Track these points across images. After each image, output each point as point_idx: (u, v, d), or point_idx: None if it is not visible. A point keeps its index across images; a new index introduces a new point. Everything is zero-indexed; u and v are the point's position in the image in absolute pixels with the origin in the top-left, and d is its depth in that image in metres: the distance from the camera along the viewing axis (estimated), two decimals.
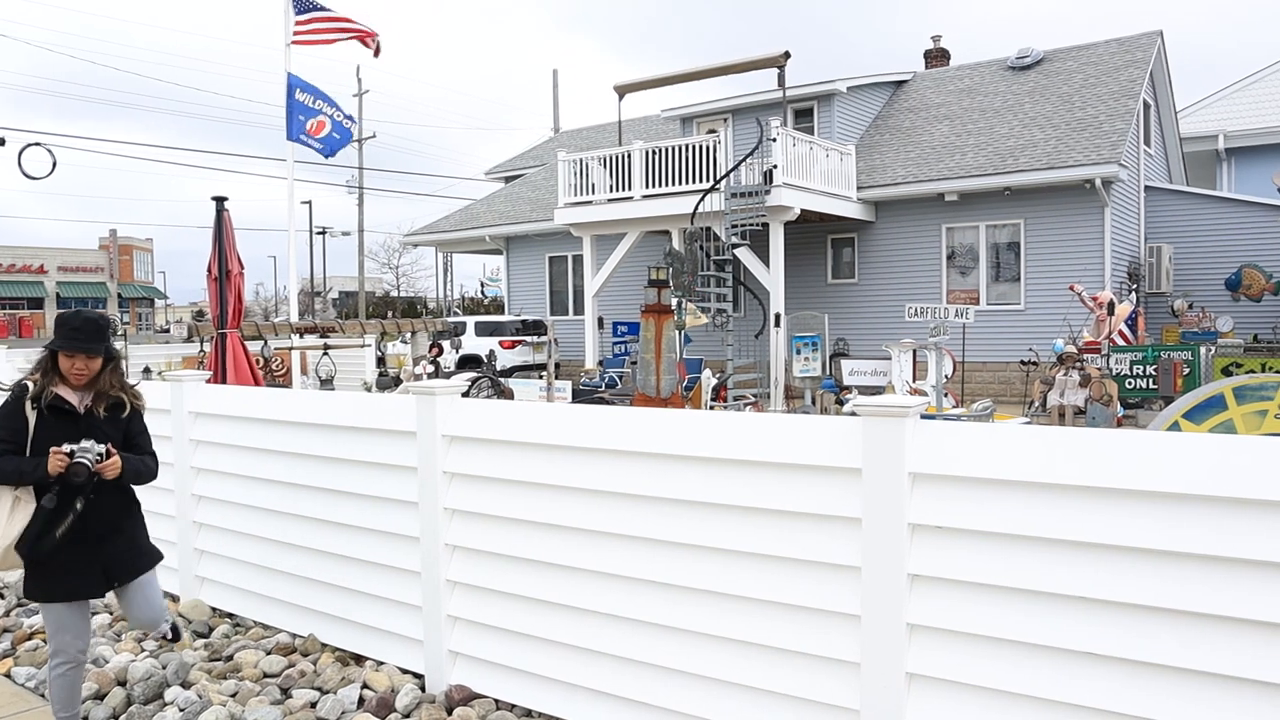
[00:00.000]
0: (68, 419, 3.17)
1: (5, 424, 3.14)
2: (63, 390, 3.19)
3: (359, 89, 39.72)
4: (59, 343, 3.14)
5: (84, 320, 3.19)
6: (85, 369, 3.16)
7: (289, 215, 13.14)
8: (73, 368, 3.14)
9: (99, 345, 3.17)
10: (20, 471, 3.10)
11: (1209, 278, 16.21)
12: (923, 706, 2.54)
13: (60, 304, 54.86)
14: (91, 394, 3.23)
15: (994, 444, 2.43)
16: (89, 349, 3.14)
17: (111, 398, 3.25)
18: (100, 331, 3.19)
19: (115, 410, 3.25)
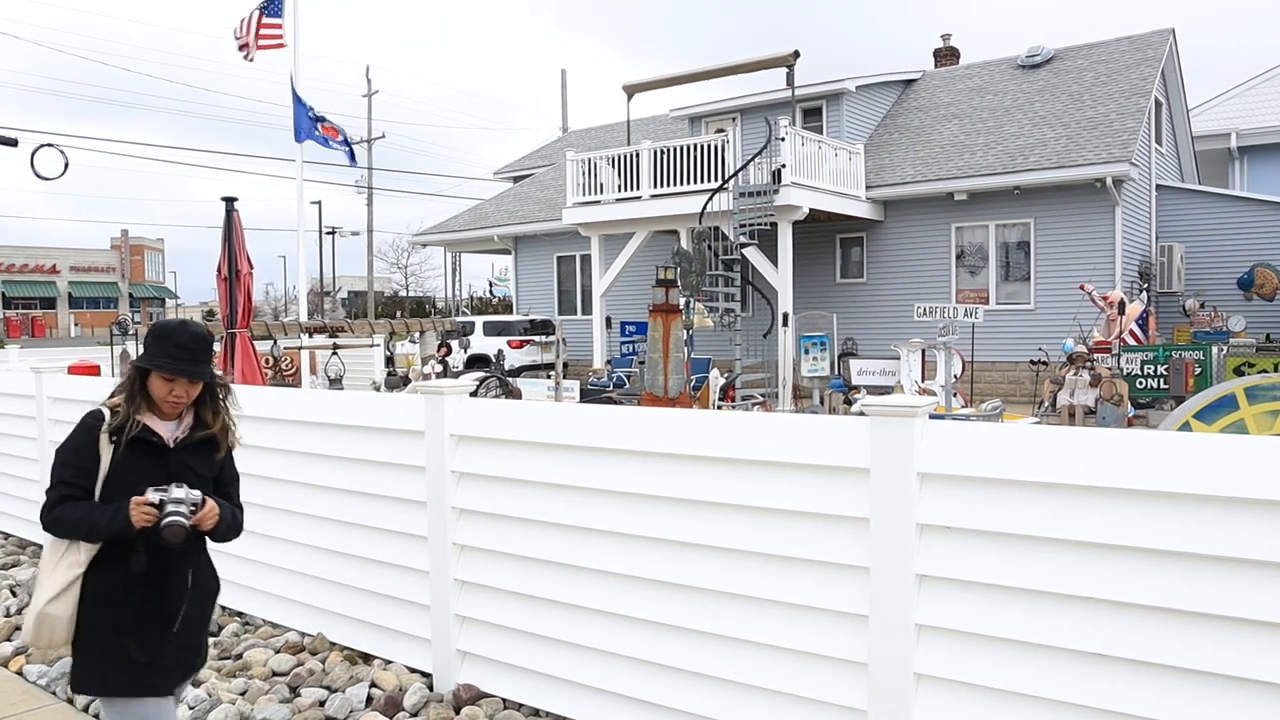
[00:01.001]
0: (153, 457, 2.51)
1: (72, 459, 2.48)
2: (152, 420, 2.53)
3: (368, 89, 39.84)
4: (158, 361, 2.46)
5: (191, 335, 2.53)
6: (184, 396, 2.53)
7: (298, 215, 13.20)
8: (170, 394, 2.49)
9: (206, 369, 2.55)
10: (90, 524, 2.40)
11: (1221, 277, 16.11)
12: (931, 707, 2.53)
13: (72, 304, 55.22)
14: (185, 426, 2.59)
15: (1003, 444, 2.42)
16: (194, 373, 2.50)
17: (208, 432, 2.61)
18: (208, 350, 2.58)
19: (208, 447, 2.63)
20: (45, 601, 2.41)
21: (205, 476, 2.59)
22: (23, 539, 6.47)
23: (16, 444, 6.34)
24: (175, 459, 2.54)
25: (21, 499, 6.37)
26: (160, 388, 2.50)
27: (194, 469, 2.56)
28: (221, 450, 2.66)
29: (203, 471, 2.59)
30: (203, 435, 2.61)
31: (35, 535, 6.26)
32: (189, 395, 2.55)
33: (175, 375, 2.48)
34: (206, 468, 2.61)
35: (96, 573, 2.46)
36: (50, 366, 6.10)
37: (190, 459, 2.57)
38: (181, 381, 2.50)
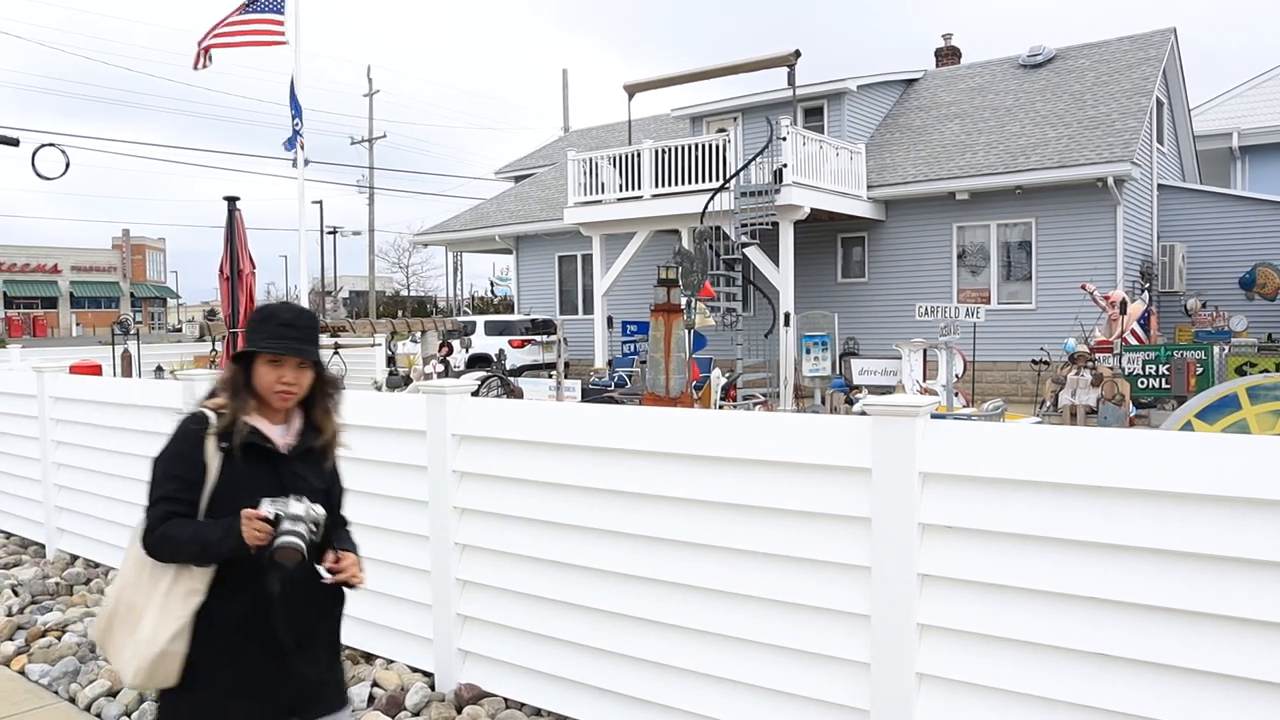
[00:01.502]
0: (265, 466, 2.18)
1: (175, 469, 2.16)
2: (260, 421, 2.20)
3: (369, 89, 39.85)
4: (262, 342, 2.15)
5: (297, 313, 2.22)
6: (294, 384, 2.18)
7: (299, 215, 13.21)
8: (279, 381, 2.16)
9: (315, 349, 2.23)
10: (202, 541, 2.08)
11: (1223, 276, 16.10)
12: (933, 707, 2.53)
13: (74, 304, 55.28)
14: (295, 430, 2.26)
15: (1005, 444, 2.42)
16: (303, 351, 2.17)
17: (322, 436, 2.29)
18: (316, 331, 2.26)
19: (318, 455, 2.29)
20: (168, 639, 2.07)
21: (318, 489, 2.24)
22: (25, 538, 6.48)
23: (19, 444, 6.35)
24: (288, 469, 2.20)
25: (24, 499, 6.37)
26: (267, 376, 2.16)
27: (308, 480, 2.22)
28: (330, 458, 2.33)
29: (316, 483, 2.25)
30: (315, 443, 2.27)
31: (37, 535, 6.27)
32: (300, 385, 2.20)
33: (283, 355, 2.14)
34: (319, 478, 2.27)
35: (213, 602, 2.13)
36: (52, 366, 6.10)
37: (303, 469, 2.23)
38: (290, 365, 2.16)
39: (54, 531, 6.03)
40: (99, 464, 5.59)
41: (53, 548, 6.04)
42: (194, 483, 2.14)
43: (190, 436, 2.17)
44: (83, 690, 3.91)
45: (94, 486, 5.64)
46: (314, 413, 2.29)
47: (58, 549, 6.01)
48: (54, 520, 6.02)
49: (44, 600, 5.17)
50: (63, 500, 5.95)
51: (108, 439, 5.50)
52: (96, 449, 5.60)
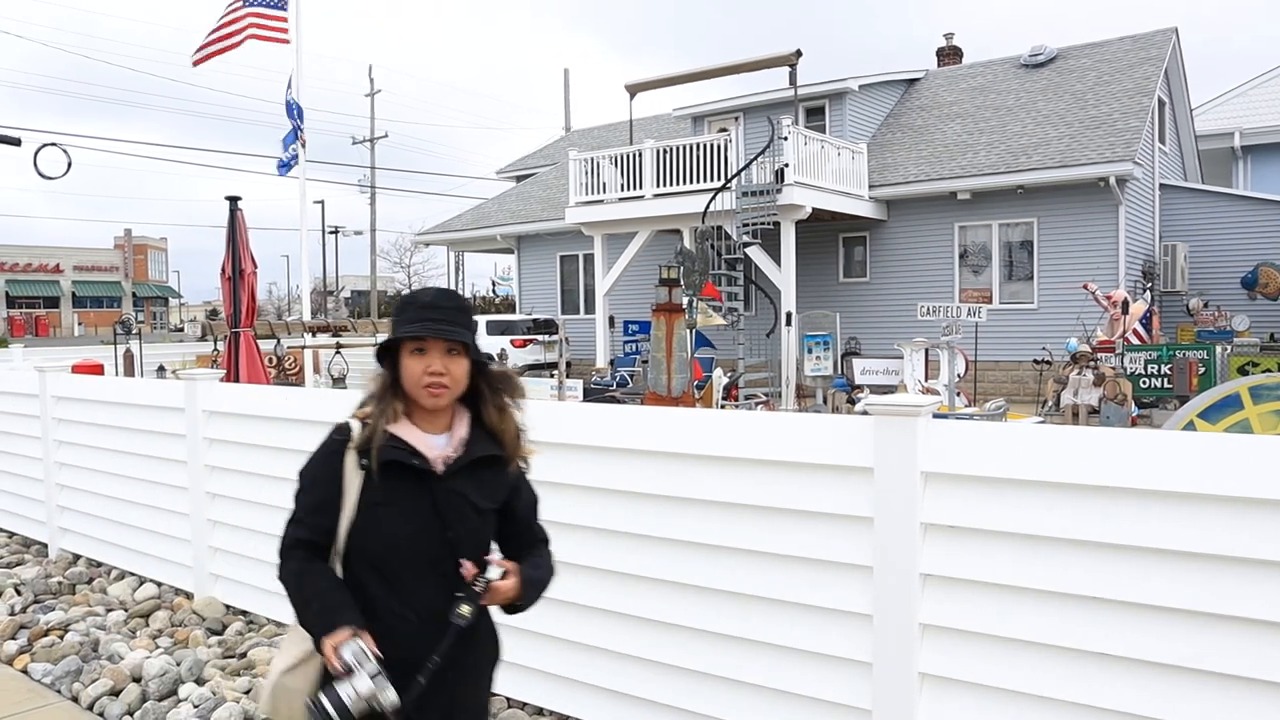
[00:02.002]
0: (413, 486, 1.87)
1: (308, 487, 1.93)
2: (411, 432, 1.89)
3: (371, 89, 39.86)
4: (404, 327, 1.86)
5: (440, 293, 1.92)
6: (445, 375, 1.85)
7: (301, 215, 13.21)
8: (427, 372, 1.84)
9: (466, 333, 1.89)
10: (301, 606, 1.88)
11: (1225, 276, 16.08)
12: (934, 707, 2.53)
13: (76, 303, 55.34)
14: (458, 440, 1.92)
15: (1007, 443, 2.42)
16: (449, 333, 1.85)
17: (492, 450, 1.95)
18: (467, 314, 1.93)
19: (491, 467, 1.95)
20: (281, 670, 1.92)
21: (487, 509, 1.94)
22: (26, 538, 6.49)
23: (21, 443, 6.36)
24: (444, 489, 1.88)
25: (26, 498, 6.38)
26: (413, 368, 1.85)
27: (471, 500, 1.90)
28: (510, 465, 1.98)
29: (483, 502, 1.93)
30: (485, 452, 1.93)
31: (39, 534, 6.28)
32: (452, 376, 1.86)
33: (425, 337, 1.84)
34: (488, 495, 1.94)
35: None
36: (54, 366, 6.11)
37: (466, 485, 1.90)
38: (436, 351, 1.85)
39: (56, 531, 6.04)
40: (101, 463, 5.59)
41: (55, 547, 6.04)
42: (326, 505, 1.88)
43: (329, 451, 1.92)
44: (85, 689, 3.91)
45: (96, 486, 5.64)
46: (484, 412, 1.95)
47: (60, 548, 6.02)
48: (56, 520, 6.02)
49: (46, 599, 5.17)
50: (65, 500, 5.96)
51: (110, 438, 5.51)
52: (99, 448, 5.61)
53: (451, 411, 1.95)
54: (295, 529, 1.93)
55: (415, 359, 1.86)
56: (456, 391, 1.90)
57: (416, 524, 1.86)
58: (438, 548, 1.88)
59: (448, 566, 1.87)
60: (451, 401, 1.92)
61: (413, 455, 1.87)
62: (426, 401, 1.88)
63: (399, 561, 1.88)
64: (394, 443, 1.87)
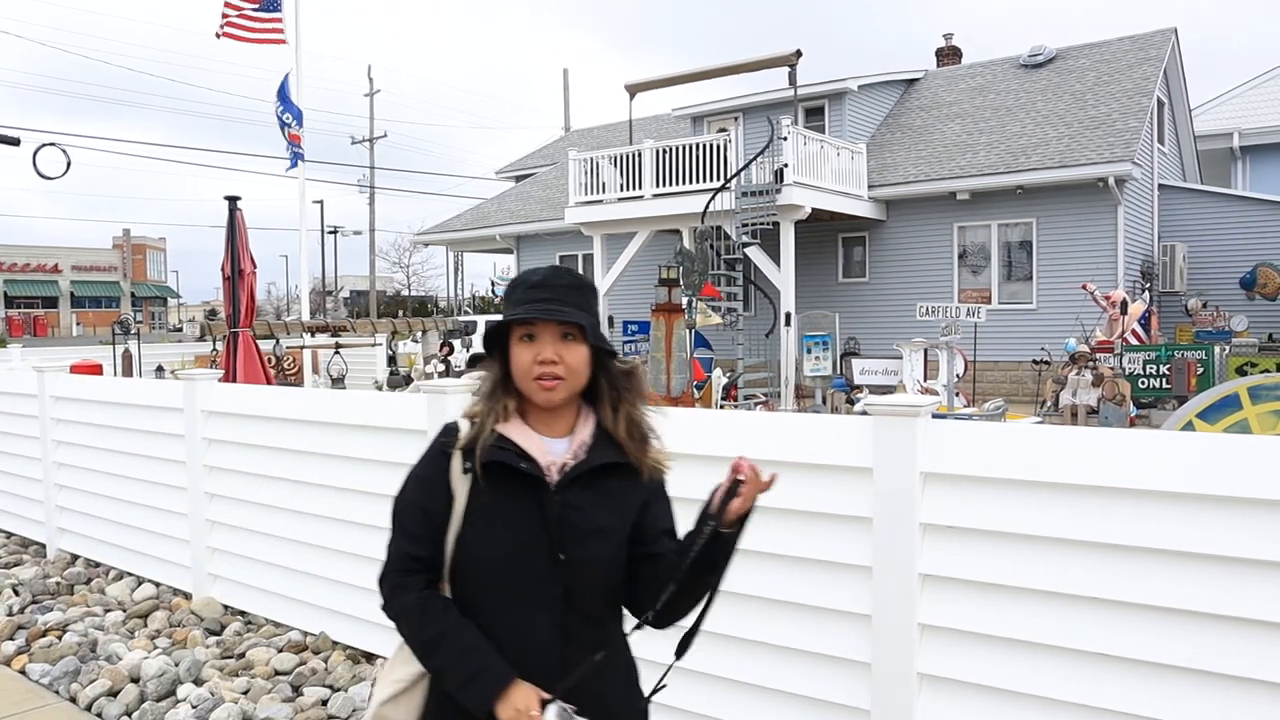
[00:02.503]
0: (521, 496, 1.62)
1: (414, 498, 1.69)
2: (522, 433, 1.64)
3: (370, 89, 39.85)
4: (511, 310, 1.63)
5: (552, 271, 1.66)
6: (558, 364, 1.59)
7: (300, 215, 13.21)
8: (537, 361, 1.59)
9: (584, 314, 1.63)
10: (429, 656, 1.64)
11: (1223, 277, 16.09)
12: (934, 706, 2.53)
13: (74, 303, 55.31)
14: (579, 443, 1.66)
15: (1006, 444, 2.42)
16: (564, 314, 1.60)
17: (616, 457, 1.66)
18: (584, 293, 1.66)
19: (618, 477, 1.67)
20: (381, 701, 1.73)
21: (610, 527, 1.65)
22: (25, 538, 6.48)
23: (19, 443, 6.35)
24: (557, 502, 1.61)
25: (25, 498, 6.38)
26: (522, 358, 1.60)
27: (590, 516, 1.63)
28: (643, 476, 1.69)
29: (605, 520, 1.64)
30: (607, 459, 1.65)
31: (37, 534, 6.27)
32: (567, 365, 1.60)
33: (534, 321, 1.59)
34: (612, 512, 1.65)
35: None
36: (53, 366, 6.11)
37: (585, 499, 1.63)
38: (547, 337, 1.59)
39: (55, 531, 6.03)
40: (100, 464, 5.59)
41: (53, 547, 6.04)
42: (434, 514, 1.64)
43: (434, 453, 1.68)
44: (83, 690, 3.91)
45: (95, 486, 5.64)
46: (603, 414, 1.67)
47: (58, 549, 6.01)
48: (55, 520, 6.02)
49: (45, 600, 5.17)
50: (63, 500, 5.96)
51: (108, 439, 5.51)
52: (97, 449, 5.61)
53: (576, 411, 1.68)
54: (407, 543, 1.66)
55: (524, 347, 1.61)
56: (575, 384, 1.62)
57: (523, 540, 1.60)
58: (547, 570, 1.60)
59: (557, 592, 1.61)
60: (570, 396, 1.64)
61: (520, 458, 1.61)
62: (539, 397, 1.61)
63: (502, 582, 1.62)
64: (500, 443, 1.62)
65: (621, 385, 1.68)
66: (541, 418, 1.66)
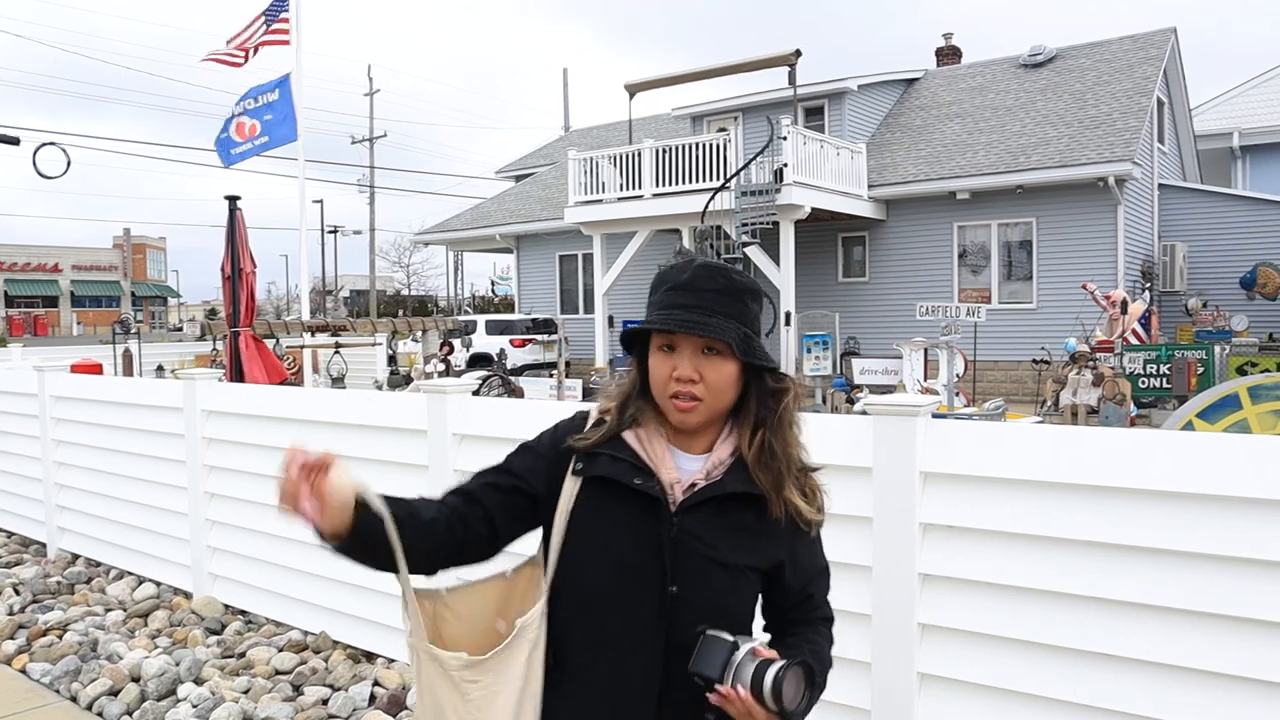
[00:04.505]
0: (635, 514, 1.41)
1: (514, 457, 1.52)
2: (652, 443, 1.45)
3: (370, 88, 39.85)
4: (651, 313, 1.43)
5: (698, 272, 1.42)
6: (696, 384, 1.39)
7: (300, 214, 13.20)
8: (672, 377, 1.40)
9: (735, 325, 1.41)
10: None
11: (1223, 276, 16.09)
12: (934, 706, 2.53)
13: (75, 303, 55.32)
14: (717, 462, 1.44)
15: (1006, 443, 2.42)
16: (705, 329, 1.37)
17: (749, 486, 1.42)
18: (738, 296, 1.43)
19: (751, 509, 1.43)
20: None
21: (737, 566, 1.41)
22: (26, 537, 6.48)
23: (20, 443, 6.35)
24: (677, 527, 1.39)
25: (25, 498, 6.38)
26: (658, 370, 1.41)
27: (711, 546, 1.39)
28: (775, 511, 1.43)
29: (731, 554, 1.41)
30: (745, 486, 1.41)
31: (38, 534, 6.27)
32: (709, 385, 1.39)
33: (670, 331, 1.38)
34: (743, 547, 1.42)
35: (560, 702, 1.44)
36: (53, 365, 6.11)
37: (707, 528, 1.40)
38: (688, 350, 1.38)
39: (55, 530, 6.03)
40: (100, 463, 5.59)
41: (54, 547, 6.04)
42: (523, 486, 1.47)
43: (555, 436, 1.50)
44: (84, 689, 3.91)
45: (95, 486, 5.64)
46: (743, 433, 1.44)
47: (59, 548, 6.01)
48: (55, 519, 6.02)
49: (45, 599, 5.17)
50: (64, 499, 5.96)
51: (109, 438, 5.51)
52: (98, 448, 5.61)
53: (720, 428, 1.47)
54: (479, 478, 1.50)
55: (662, 358, 1.41)
56: (716, 406, 1.41)
57: (630, 565, 1.39)
58: (654, 605, 1.38)
59: (662, 632, 1.37)
60: (711, 419, 1.43)
61: (635, 472, 1.40)
62: (673, 416, 1.42)
63: (601, 615, 1.40)
64: (617, 451, 1.42)
65: (767, 406, 1.45)
66: (679, 433, 1.47)
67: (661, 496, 1.40)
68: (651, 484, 1.40)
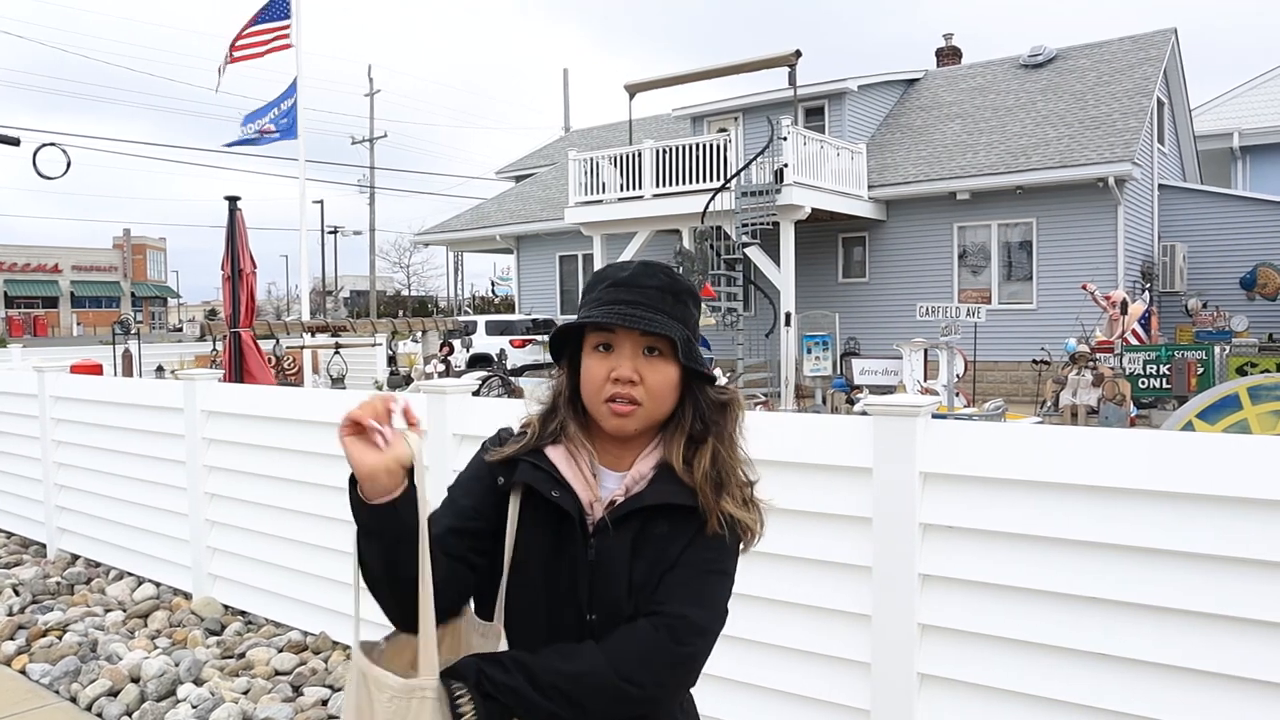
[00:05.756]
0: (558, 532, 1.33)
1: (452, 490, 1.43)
2: (562, 452, 1.36)
3: (370, 89, 39.86)
4: (587, 310, 1.35)
5: (641, 269, 1.36)
6: (636, 385, 1.30)
7: (300, 215, 13.21)
8: (611, 377, 1.31)
9: (676, 325, 1.32)
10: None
11: (1223, 277, 16.09)
12: (933, 706, 2.53)
13: (75, 303, 55.31)
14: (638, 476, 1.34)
15: (1006, 444, 2.42)
16: (652, 325, 1.29)
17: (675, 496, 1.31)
18: (681, 297, 1.36)
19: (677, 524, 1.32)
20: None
21: (647, 584, 1.30)
22: (26, 538, 6.48)
23: (19, 443, 6.35)
24: (595, 549, 1.31)
25: (25, 498, 6.38)
26: (594, 372, 1.31)
27: (627, 568, 1.30)
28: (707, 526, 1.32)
29: (643, 574, 1.30)
30: (663, 498, 1.30)
31: (38, 534, 6.27)
32: (649, 388, 1.29)
33: (612, 327, 1.29)
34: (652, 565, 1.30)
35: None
36: (53, 366, 6.10)
37: (624, 547, 1.30)
38: (628, 349, 1.29)
39: (55, 531, 6.03)
40: (100, 464, 5.59)
41: (54, 547, 6.04)
42: (468, 512, 1.36)
43: (477, 461, 1.43)
44: (84, 690, 3.91)
45: (95, 486, 5.64)
46: (675, 445, 1.33)
47: (59, 549, 6.01)
48: (55, 520, 6.02)
49: (45, 600, 5.17)
50: (64, 500, 5.96)
51: (108, 439, 5.51)
52: (97, 449, 5.61)
53: (646, 442, 1.36)
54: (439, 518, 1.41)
55: (598, 359, 1.31)
56: (654, 411, 1.31)
57: (559, 592, 1.31)
58: (576, 634, 1.30)
59: None
60: (647, 426, 1.33)
61: (553, 484, 1.31)
62: (608, 422, 1.30)
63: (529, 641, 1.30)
64: (537, 462, 1.33)
65: (710, 419, 1.35)
66: (608, 445, 1.36)
67: (578, 515, 1.31)
68: (567, 499, 1.30)
